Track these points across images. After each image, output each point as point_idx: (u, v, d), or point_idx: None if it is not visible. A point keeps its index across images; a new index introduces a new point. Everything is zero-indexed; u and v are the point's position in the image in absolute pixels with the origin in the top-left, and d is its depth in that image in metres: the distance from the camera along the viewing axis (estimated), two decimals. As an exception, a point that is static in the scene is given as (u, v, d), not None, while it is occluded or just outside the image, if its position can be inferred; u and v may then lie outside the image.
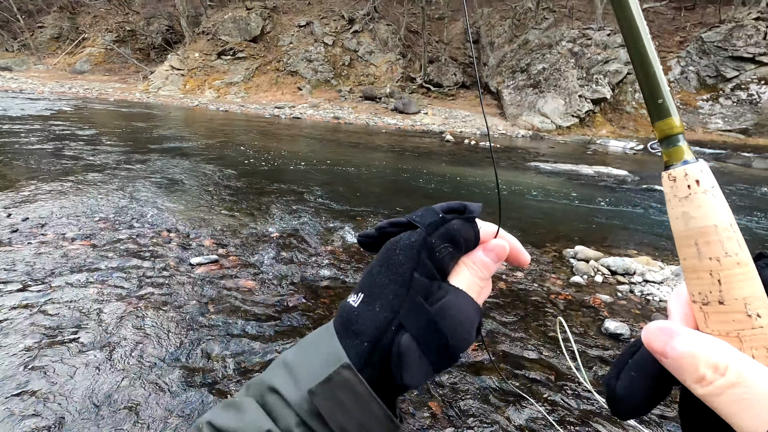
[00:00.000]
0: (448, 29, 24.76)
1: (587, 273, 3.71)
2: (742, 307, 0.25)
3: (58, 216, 4.12)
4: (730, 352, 0.24)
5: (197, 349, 2.35)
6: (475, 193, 6.75)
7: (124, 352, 2.27)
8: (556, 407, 2.10)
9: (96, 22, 30.86)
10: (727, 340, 0.25)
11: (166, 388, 2.05)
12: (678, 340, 0.25)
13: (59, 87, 21.55)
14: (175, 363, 2.23)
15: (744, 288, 0.25)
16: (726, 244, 0.26)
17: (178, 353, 2.31)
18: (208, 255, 3.48)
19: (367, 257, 3.77)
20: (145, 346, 2.34)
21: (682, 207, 0.27)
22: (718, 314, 0.26)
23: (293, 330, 2.60)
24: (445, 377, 2.25)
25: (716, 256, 0.26)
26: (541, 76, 18.68)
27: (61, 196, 4.73)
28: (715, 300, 0.26)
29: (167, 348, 2.34)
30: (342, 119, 17.66)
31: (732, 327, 0.25)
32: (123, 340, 2.37)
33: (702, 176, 0.27)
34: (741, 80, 17.97)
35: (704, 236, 0.26)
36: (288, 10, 26.52)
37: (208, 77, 23.21)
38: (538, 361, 2.44)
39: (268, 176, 6.62)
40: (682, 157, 0.28)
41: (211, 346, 2.38)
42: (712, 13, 20.67)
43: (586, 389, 2.22)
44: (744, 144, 16.32)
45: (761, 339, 0.25)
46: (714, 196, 0.26)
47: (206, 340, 2.43)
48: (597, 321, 2.93)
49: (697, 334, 0.26)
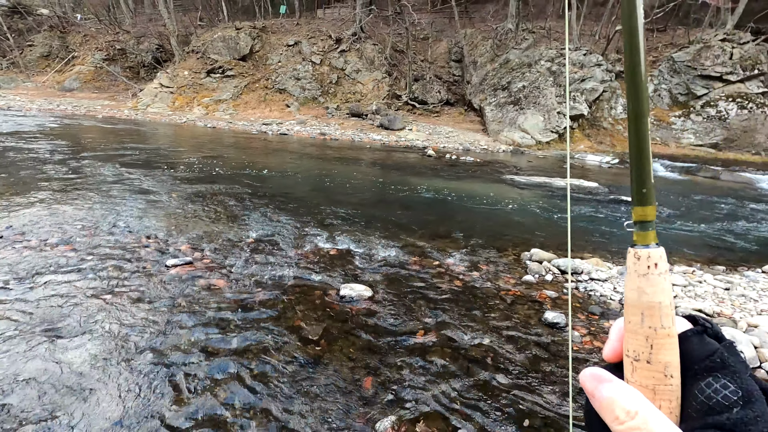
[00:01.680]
0: (433, 49, 25.59)
1: (539, 272, 4.00)
2: (662, 368, 0.32)
3: (41, 224, 4.32)
4: (642, 401, 0.31)
5: (167, 339, 2.57)
6: (450, 201, 7.07)
7: (96, 342, 2.49)
8: (492, 388, 2.35)
9: (86, 41, 31.25)
10: (644, 391, 0.32)
11: (136, 374, 2.26)
12: (604, 386, 0.32)
13: (47, 104, 21.70)
14: (145, 351, 2.45)
15: (668, 355, 0.32)
16: (663, 320, 0.32)
17: (149, 343, 2.53)
18: (183, 257, 3.71)
19: (335, 259, 4.03)
20: (117, 337, 2.55)
21: (639, 282, 0.33)
22: (643, 370, 0.33)
23: (259, 321, 2.83)
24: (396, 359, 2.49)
25: (654, 327, 0.32)
26: (522, 94, 19.39)
27: (45, 206, 4.93)
28: (644, 359, 0.33)
29: (138, 338, 2.56)
30: (328, 135, 18.06)
31: (651, 382, 0.32)
32: (95, 332, 2.58)
33: (660, 261, 0.33)
34: (710, 97, 18.85)
35: (650, 310, 0.33)
36: (277, 30, 27.20)
37: (197, 94, 23.58)
38: (477, 346, 2.70)
39: (251, 188, 6.88)
40: (650, 242, 0.34)
41: (180, 336, 2.60)
42: (682, 35, 21.73)
43: (520, 371, 2.49)
44: (715, 158, 17.03)
45: (669, 394, 0.32)
46: (665, 279, 0.33)
47: (175, 331, 2.65)
48: (539, 313, 3.21)
49: (619, 383, 0.33)
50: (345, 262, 3.97)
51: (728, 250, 5.45)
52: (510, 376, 2.41)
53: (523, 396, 2.26)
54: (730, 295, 3.66)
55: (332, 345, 2.60)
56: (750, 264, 4.87)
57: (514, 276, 3.93)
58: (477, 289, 3.58)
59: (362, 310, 3.05)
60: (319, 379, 2.28)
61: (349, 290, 3.25)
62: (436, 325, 2.92)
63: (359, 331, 2.78)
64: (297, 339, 2.64)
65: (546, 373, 2.47)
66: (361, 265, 3.94)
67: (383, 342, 2.67)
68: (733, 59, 18.71)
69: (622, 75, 20.92)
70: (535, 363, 2.56)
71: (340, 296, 3.23)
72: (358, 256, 4.16)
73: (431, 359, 2.51)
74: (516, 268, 4.15)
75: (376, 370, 2.39)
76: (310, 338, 2.65)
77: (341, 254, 4.19)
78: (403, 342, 2.69)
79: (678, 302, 3.43)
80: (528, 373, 2.46)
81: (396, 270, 3.87)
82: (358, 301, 3.17)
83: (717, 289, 3.76)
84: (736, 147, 17.79)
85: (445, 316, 3.04)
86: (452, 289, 3.52)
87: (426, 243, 4.71)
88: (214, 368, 2.31)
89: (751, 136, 17.58)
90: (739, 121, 17.85)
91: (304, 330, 2.74)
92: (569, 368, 0.50)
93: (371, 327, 2.84)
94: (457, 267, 4.05)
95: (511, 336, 2.85)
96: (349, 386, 2.25)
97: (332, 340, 2.65)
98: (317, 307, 3.05)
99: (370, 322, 2.89)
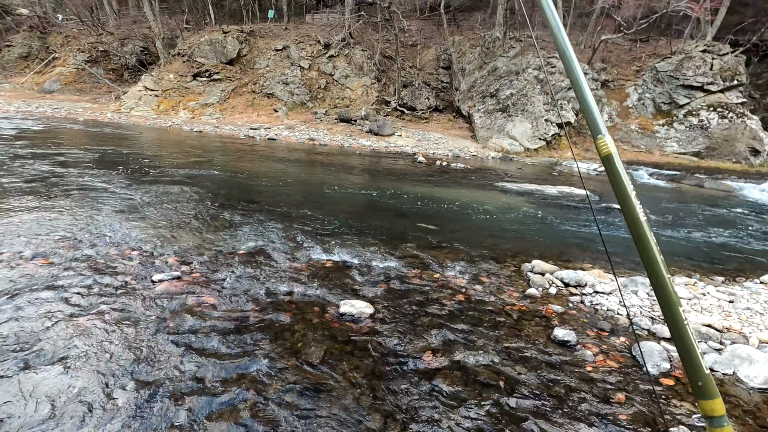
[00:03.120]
0: (421, 55, 25.67)
1: (542, 285, 3.89)
2: None
3: (15, 235, 4.03)
4: None
5: (153, 364, 2.36)
6: (444, 209, 6.95)
7: (76, 368, 2.26)
8: (508, 415, 2.20)
9: (67, 42, 30.46)
10: None
11: (119, 402, 2.05)
12: None
13: (26, 106, 20.99)
14: (129, 378, 2.23)
15: None
16: None
17: (133, 368, 2.31)
18: (170, 272, 3.49)
19: (331, 272, 3.85)
20: (99, 362, 2.33)
21: None
22: None
23: (254, 344, 2.64)
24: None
25: None
26: (510, 101, 19.52)
27: (20, 215, 4.63)
28: None
29: (122, 363, 2.34)
30: (317, 141, 17.85)
31: None
32: (75, 356, 2.35)
33: None
34: (692, 107, 19.28)
35: None
36: (265, 34, 26.95)
37: (183, 98, 23.13)
38: (487, 367, 2.56)
39: (239, 195, 6.65)
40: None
41: (168, 361, 2.39)
42: (665, 45, 22.25)
43: (535, 395, 2.35)
44: (697, 166, 17.37)
45: None
46: None
47: (164, 355, 2.44)
48: (548, 329, 3.09)
49: None
50: (342, 276, 3.80)
51: (723, 260, 5.45)
52: (525, 402, 2.27)
53: (540, 424, 2.12)
54: (735, 308, 3.60)
55: (334, 369, 2.42)
56: (747, 274, 4.86)
57: (517, 289, 3.81)
58: (481, 303, 3.44)
59: (364, 329, 2.88)
60: (321, 411, 2.10)
61: (350, 307, 3.08)
62: (443, 345, 2.77)
63: (362, 353, 2.61)
64: (296, 363, 2.45)
65: (561, 397, 2.33)
66: (359, 278, 3.77)
67: (389, 366, 2.50)
68: (714, 70, 19.20)
69: (608, 84, 21.30)
70: (549, 386, 2.42)
71: (340, 314, 3.05)
72: (356, 269, 3.99)
73: (441, 384, 2.36)
74: (518, 281, 4.03)
75: (383, 398, 2.21)
76: (310, 362, 2.47)
77: (337, 267, 4.01)
78: (411, 365, 2.52)
79: (686, 317, 3.35)
80: (544, 397, 2.32)
81: (396, 284, 3.71)
82: (360, 319, 3.00)
83: (721, 302, 3.70)
84: (717, 155, 18.20)
85: (451, 335, 2.89)
86: (456, 305, 3.38)
87: (424, 253, 4.56)
88: (205, 400, 2.10)
89: (731, 144, 18.01)
90: (720, 130, 18.28)
91: (304, 353, 2.55)
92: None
93: (375, 348, 2.67)
94: (458, 280, 3.92)
95: (521, 356, 2.71)
96: (354, 418, 2.07)
97: (334, 364, 2.47)
98: (316, 327, 2.87)
99: (374, 343, 2.72)
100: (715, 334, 3.04)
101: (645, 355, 2.75)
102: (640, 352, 2.78)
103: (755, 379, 2.55)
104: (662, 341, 3.00)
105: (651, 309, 3.51)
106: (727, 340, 3.01)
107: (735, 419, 2.23)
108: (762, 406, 2.36)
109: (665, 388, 2.49)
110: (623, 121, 20.18)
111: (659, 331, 3.12)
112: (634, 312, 3.47)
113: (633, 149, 19.12)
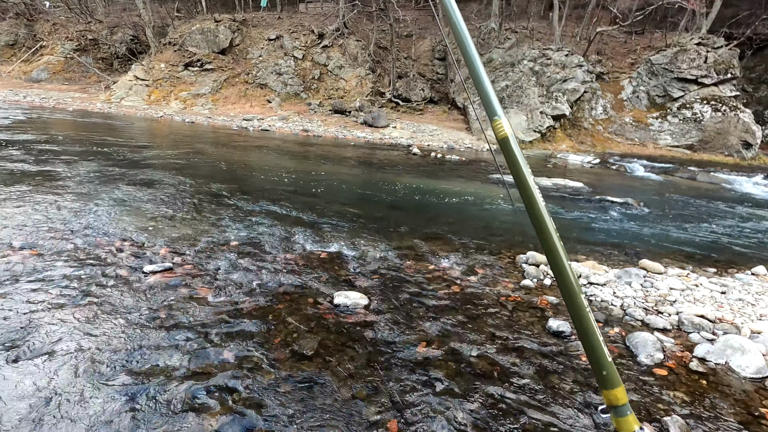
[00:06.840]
0: (416, 46, 25.45)
1: (537, 277, 3.89)
2: None
3: (3, 226, 3.95)
4: None
5: (145, 355, 2.32)
6: (438, 201, 6.93)
7: (66, 360, 2.22)
8: (504, 407, 2.20)
9: (55, 30, 29.79)
10: None
11: (109, 401, 2.02)
12: None
13: (13, 95, 20.57)
14: (120, 370, 2.20)
15: None
16: None
17: (124, 360, 2.27)
18: (162, 263, 3.43)
19: (325, 263, 3.82)
20: (89, 354, 2.29)
21: None
22: None
23: (247, 335, 2.61)
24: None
25: None
26: (505, 93, 19.45)
27: (8, 205, 4.53)
28: None
29: (112, 357, 2.30)
30: (311, 132, 17.70)
31: None
32: (65, 348, 2.31)
33: None
34: (686, 100, 19.33)
35: None
36: (258, 23, 26.55)
37: (175, 88, 22.78)
38: (482, 358, 2.55)
39: (232, 187, 6.57)
40: (633, 429, 0.27)
41: (160, 352, 2.36)
42: (660, 38, 22.22)
43: (529, 386, 2.35)
44: (690, 159, 17.49)
45: None
46: None
47: (156, 346, 2.40)
48: (542, 320, 3.09)
49: None
50: (337, 267, 3.77)
51: (714, 251, 5.49)
52: (520, 393, 2.27)
53: (535, 415, 2.12)
54: (727, 299, 3.63)
55: (329, 361, 2.40)
56: (738, 265, 4.89)
57: (512, 280, 3.80)
58: (476, 294, 3.43)
59: (359, 321, 2.86)
60: (315, 401, 2.08)
61: (344, 298, 3.06)
62: (438, 336, 2.76)
63: (357, 344, 2.59)
64: (290, 355, 2.43)
65: (557, 388, 2.33)
66: (353, 269, 3.75)
67: (384, 357, 2.48)
68: (708, 63, 19.24)
69: (603, 76, 21.29)
70: (545, 377, 2.42)
71: (334, 305, 3.03)
72: (350, 260, 3.96)
73: (436, 375, 2.35)
74: (513, 272, 4.03)
75: (377, 389, 2.20)
76: (304, 354, 2.44)
77: (332, 258, 3.98)
78: (405, 356, 2.51)
79: (679, 308, 3.37)
80: (538, 388, 2.32)
81: (391, 274, 3.69)
82: (354, 310, 2.98)
83: (714, 293, 3.72)
84: (710, 148, 18.32)
85: (446, 326, 2.88)
86: (451, 295, 3.37)
87: (419, 244, 4.54)
88: (199, 392, 2.08)
89: (724, 137, 18.13)
90: (714, 123, 18.38)
91: (298, 344, 2.53)
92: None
93: (370, 339, 2.65)
94: (453, 271, 3.90)
95: (516, 347, 2.71)
96: (349, 409, 2.05)
97: (329, 355, 2.45)
98: (310, 318, 2.84)
99: (369, 334, 2.70)
100: (707, 325, 3.06)
101: (638, 345, 2.76)
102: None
103: (747, 369, 2.58)
104: (656, 332, 3.02)
105: (645, 300, 3.53)
106: (719, 331, 3.03)
107: (727, 409, 2.25)
108: (754, 395, 2.38)
109: (658, 377, 2.50)
110: (618, 113, 20.21)
111: (653, 322, 3.14)
112: (627, 303, 3.48)
113: (627, 142, 19.18)
